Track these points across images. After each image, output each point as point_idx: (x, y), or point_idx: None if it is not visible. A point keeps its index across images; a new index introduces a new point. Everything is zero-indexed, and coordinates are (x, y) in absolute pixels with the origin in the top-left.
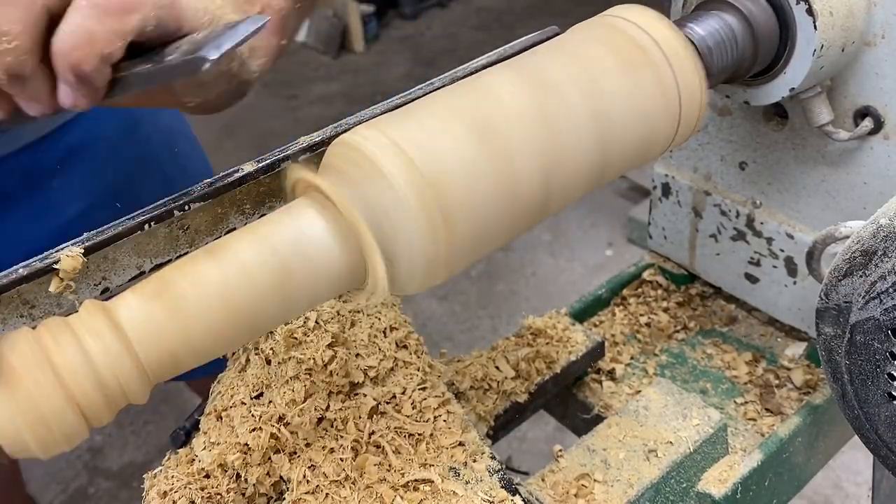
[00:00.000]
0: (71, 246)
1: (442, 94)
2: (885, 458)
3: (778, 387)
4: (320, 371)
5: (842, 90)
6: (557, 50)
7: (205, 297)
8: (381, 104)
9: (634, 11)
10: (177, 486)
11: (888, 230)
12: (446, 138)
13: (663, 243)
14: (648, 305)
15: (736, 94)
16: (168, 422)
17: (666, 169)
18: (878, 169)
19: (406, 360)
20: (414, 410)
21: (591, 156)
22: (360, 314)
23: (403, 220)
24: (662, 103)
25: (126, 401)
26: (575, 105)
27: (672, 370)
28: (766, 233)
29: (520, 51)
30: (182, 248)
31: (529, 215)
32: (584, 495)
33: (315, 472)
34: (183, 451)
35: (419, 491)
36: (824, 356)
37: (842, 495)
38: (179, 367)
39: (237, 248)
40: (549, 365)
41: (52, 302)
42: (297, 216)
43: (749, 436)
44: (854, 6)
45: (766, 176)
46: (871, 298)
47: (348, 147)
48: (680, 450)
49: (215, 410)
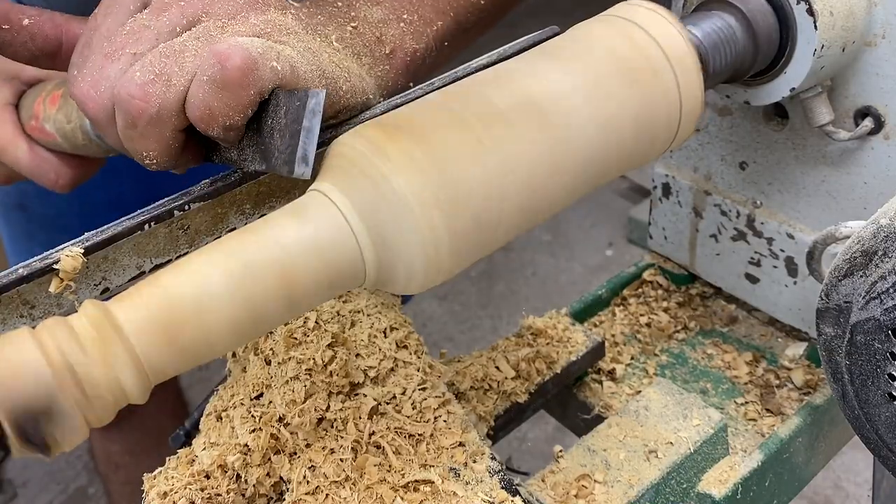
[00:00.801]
0: (71, 246)
1: (444, 95)
2: (885, 458)
3: (778, 387)
4: (320, 371)
5: (842, 90)
6: (558, 50)
7: (206, 300)
8: (382, 104)
9: (635, 10)
10: (177, 487)
11: (888, 230)
12: (448, 141)
13: (663, 243)
14: (648, 305)
15: (736, 94)
16: None
17: (666, 169)
18: (878, 169)
19: (406, 361)
20: (414, 411)
21: (592, 156)
22: (360, 314)
23: (404, 222)
24: (663, 103)
25: (126, 401)
26: (577, 106)
27: (672, 370)
28: (766, 233)
29: (520, 51)
30: (182, 248)
31: (531, 218)
32: (585, 496)
33: (315, 473)
34: (183, 451)
35: (419, 491)
36: (824, 356)
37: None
38: (180, 367)
39: (239, 251)
40: (550, 365)
41: (52, 302)
42: (299, 218)
43: (749, 436)
44: (854, 6)
45: (766, 176)
46: (871, 298)
47: (349, 147)
48: (680, 450)
49: (215, 411)
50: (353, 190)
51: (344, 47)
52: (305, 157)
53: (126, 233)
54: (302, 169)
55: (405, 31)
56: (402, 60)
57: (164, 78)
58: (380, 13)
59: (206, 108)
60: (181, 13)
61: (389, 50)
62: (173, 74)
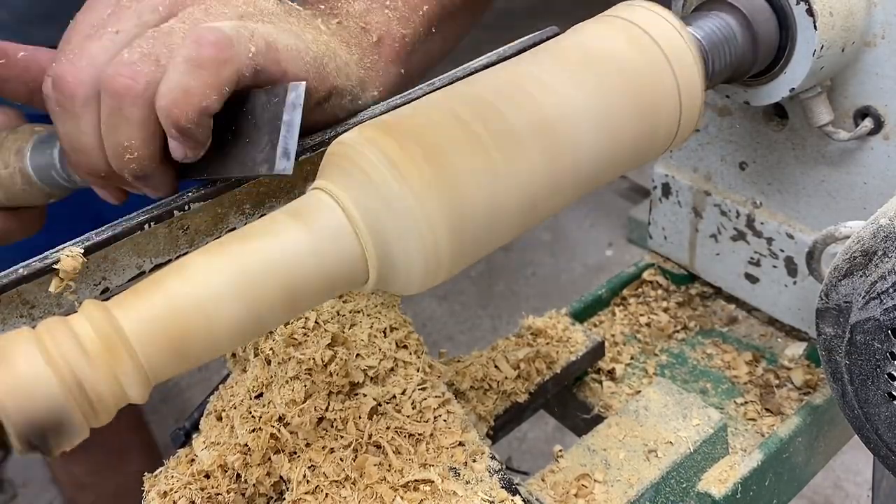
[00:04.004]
0: (71, 246)
1: (445, 96)
2: (885, 458)
3: (778, 387)
4: (320, 371)
5: (842, 90)
6: (559, 51)
7: (210, 307)
8: (382, 104)
9: (635, 10)
10: (177, 487)
11: (888, 230)
12: (449, 143)
13: (663, 243)
14: (648, 305)
15: (736, 94)
16: (168, 421)
17: (666, 169)
18: (878, 169)
19: (406, 361)
20: (414, 410)
21: (592, 157)
22: (360, 314)
23: (404, 224)
24: (663, 104)
25: (126, 401)
26: (578, 107)
27: (672, 370)
28: (766, 233)
29: (520, 51)
30: (182, 248)
31: (531, 219)
32: (585, 495)
33: (315, 473)
34: (183, 451)
35: (419, 491)
36: (824, 356)
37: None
38: (180, 368)
39: (242, 253)
40: (549, 365)
41: (52, 302)
42: (302, 219)
43: (749, 436)
44: (854, 6)
45: (766, 176)
46: (871, 298)
47: (349, 148)
48: (680, 450)
49: (215, 410)
50: (355, 191)
51: (332, 35)
52: (287, 152)
53: (126, 233)
54: (283, 164)
55: (391, 17)
56: (390, 47)
57: (152, 58)
58: (362, 4)
59: (181, 88)
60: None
61: (377, 38)
62: (161, 55)
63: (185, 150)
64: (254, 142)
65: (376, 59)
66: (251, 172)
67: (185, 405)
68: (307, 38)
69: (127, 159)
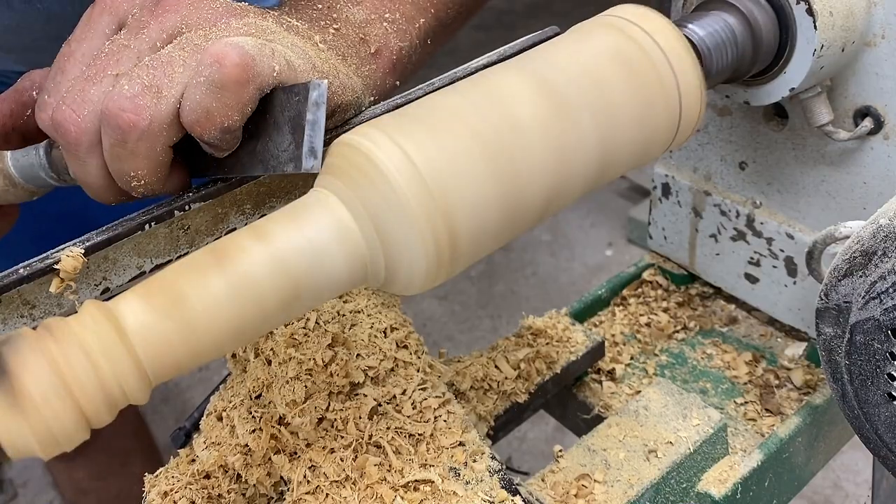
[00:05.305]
0: (71, 246)
1: (446, 97)
2: (885, 458)
3: (778, 387)
4: (320, 371)
5: (842, 90)
6: (558, 52)
7: (213, 310)
8: (382, 104)
9: (634, 11)
10: (177, 487)
11: (888, 230)
12: (450, 144)
13: (663, 243)
14: (648, 305)
15: (736, 94)
16: (168, 422)
17: (666, 169)
18: (878, 169)
19: (406, 361)
20: (414, 411)
21: (593, 158)
22: (360, 314)
23: (405, 226)
24: (663, 104)
25: (126, 401)
26: (578, 108)
27: (672, 370)
28: (766, 233)
29: (520, 51)
30: (182, 248)
31: (531, 221)
32: (585, 495)
33: (315, 473)
34: (183, 451)
35: (419, 491)
36: (824, 356)
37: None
38: (181, 369)
39: (243, 255)
40: (549, 365)
41: (52, 302)
42: (305, 219)
43: (749, 436)
44: (854, 6)
45: (766, 176)
46: (870, 298)
47: (350, 148)
48: (680, 450)
49: (215, 411)
50: (357, 191)
51: (329, 48)
52: (313, 150)
53: (126, 233)
54: (311, 163)
55: (389, 30)
56: (387, 59)
57: (153, 90)
58: (362, 14)
59: (203, 110)
60: (160, 28)
61: (375, 49)
62: (163, 86)
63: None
64: (275, 140)
65: (373, 70)
66: (275, 171)
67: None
68: (311, 54)
69: (134, 185)
